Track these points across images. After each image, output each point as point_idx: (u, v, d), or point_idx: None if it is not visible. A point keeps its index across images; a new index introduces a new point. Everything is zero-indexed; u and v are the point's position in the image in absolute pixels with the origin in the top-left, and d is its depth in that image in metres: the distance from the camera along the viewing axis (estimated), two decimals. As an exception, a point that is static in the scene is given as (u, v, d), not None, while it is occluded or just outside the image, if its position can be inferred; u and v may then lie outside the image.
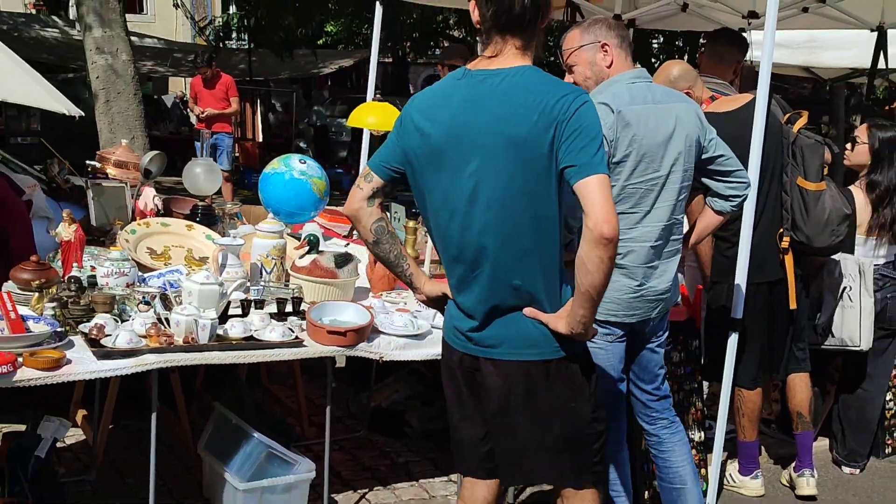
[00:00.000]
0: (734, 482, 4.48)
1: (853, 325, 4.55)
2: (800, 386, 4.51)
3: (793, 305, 4.24)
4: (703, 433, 4.32)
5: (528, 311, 2.62)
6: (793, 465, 4.58)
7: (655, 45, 23.23)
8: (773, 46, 3.83)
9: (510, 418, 2.71)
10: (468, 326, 2.72)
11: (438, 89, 2.70)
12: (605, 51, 3.32)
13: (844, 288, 4.57)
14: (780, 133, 4.18)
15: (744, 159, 3.66)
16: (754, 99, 3.89)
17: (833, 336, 4.61)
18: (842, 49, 8.66)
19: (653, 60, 22.51)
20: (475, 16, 2.64)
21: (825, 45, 8.79)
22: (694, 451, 4.02)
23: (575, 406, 2.69)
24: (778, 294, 4.24)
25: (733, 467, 4.50)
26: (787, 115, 4.29)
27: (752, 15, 5.68)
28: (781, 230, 4.18)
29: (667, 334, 3.58)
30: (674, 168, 3.27)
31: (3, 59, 3.87)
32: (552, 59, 22.41)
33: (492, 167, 2.54)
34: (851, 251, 4.61)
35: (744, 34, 5.14)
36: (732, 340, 4.01)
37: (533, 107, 2.48)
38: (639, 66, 3.55)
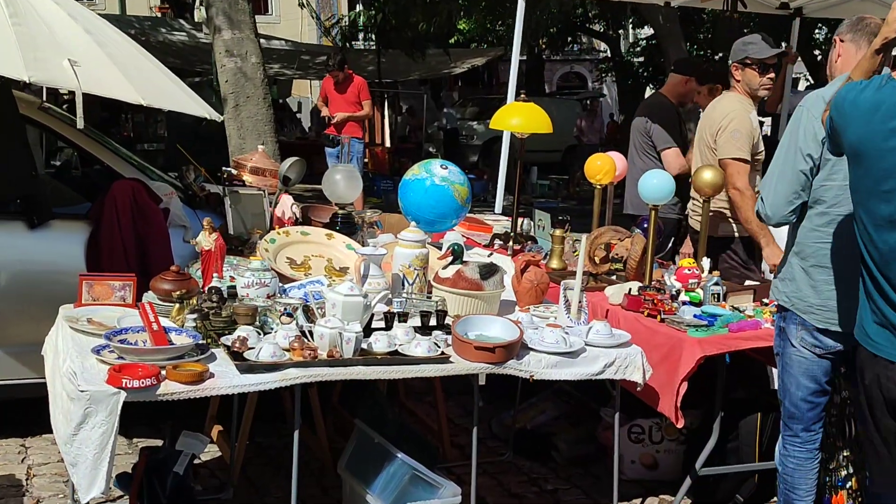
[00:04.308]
0: None
1: None
2: None
3: None
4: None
5: None
6: None
7: (819, 36, 22.53)
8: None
9: None
10: None
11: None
12: None
13: None
14: None
15: None
16: None
17: None
18: None
19: (815, 52, 21.83)
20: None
21: None
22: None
23: None
24: None
25: None
26: None
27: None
28: None
29: None
30: None
31: (147, 65, 4.05)
32: (702, 53, 21.96)
33: None
34: None
35: None
36: None
37: None
38: None
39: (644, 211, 4.87)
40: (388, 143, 19.91)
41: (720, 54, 20.67)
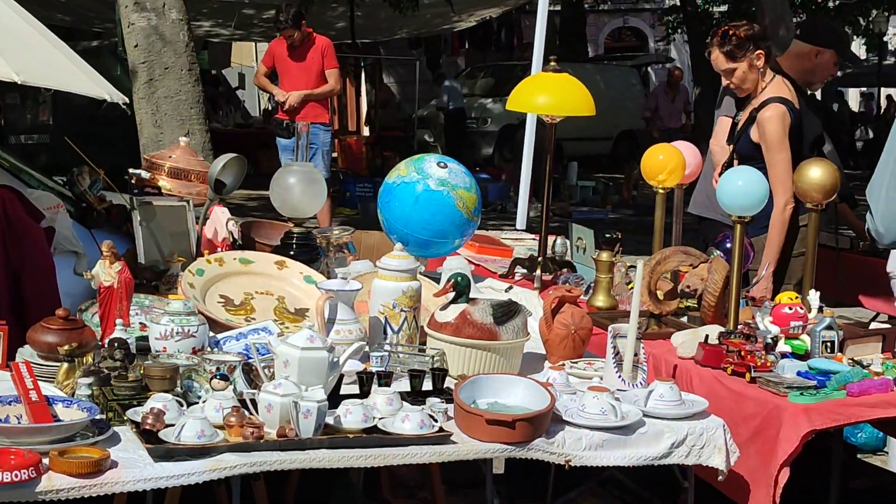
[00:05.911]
0: None
1: None
2: None
3: None
4: None
5: None
6: None
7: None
8: None
9: None
10: None
11: None
12: None
13: None
14: None
15: None
16: None
17: None
18: None
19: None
20: None
21: None
22: None
23: None
24: None
25: None
26: None
27: None
28: None
29: None
30: None
31: (23, 28, 4.09)
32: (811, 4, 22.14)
33: None
34: None
35: None
36: None
37: None
38: None
39: (710, 212, 4.87)
40: (365, 131, 19.97)
41: (835, 2, 20.78)
